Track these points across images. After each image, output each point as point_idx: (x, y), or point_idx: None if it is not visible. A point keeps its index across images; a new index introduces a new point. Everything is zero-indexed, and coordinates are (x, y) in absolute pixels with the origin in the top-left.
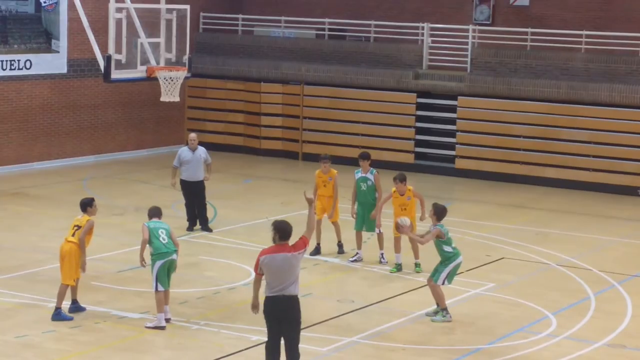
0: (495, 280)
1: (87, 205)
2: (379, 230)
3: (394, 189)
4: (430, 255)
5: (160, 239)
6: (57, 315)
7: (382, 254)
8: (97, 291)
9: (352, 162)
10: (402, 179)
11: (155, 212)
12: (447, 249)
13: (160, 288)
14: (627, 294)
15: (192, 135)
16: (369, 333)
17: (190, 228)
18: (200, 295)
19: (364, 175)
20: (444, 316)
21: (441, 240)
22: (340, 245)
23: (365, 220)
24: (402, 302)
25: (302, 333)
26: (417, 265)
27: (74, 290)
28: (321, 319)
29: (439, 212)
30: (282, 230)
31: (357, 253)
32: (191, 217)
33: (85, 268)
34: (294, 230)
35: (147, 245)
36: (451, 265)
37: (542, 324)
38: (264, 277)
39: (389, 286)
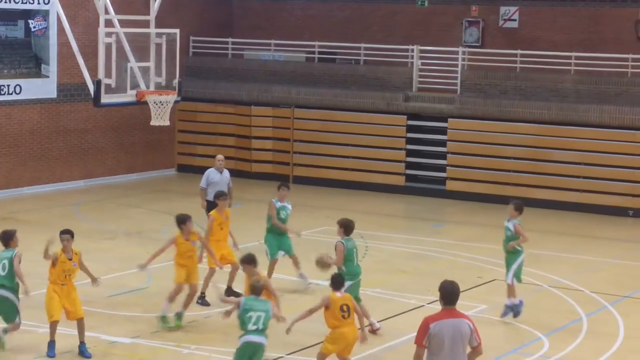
0: (487, 302)
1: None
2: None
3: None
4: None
5: None
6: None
7: (300, 273)
8: (87, 316)
9: (343, 185)
10: None
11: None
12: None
13: None
14: (619, 315)
15: (220, 156)
16: (361, 356)
17: None
18: (192, 319)
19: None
20: None
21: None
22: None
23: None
24: (393, 324)
25: (293, 357)
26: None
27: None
28: (312, 342)
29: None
30: (449, 292)
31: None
32: None
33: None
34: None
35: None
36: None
37: (535, 346)
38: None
39: (380, 308)
